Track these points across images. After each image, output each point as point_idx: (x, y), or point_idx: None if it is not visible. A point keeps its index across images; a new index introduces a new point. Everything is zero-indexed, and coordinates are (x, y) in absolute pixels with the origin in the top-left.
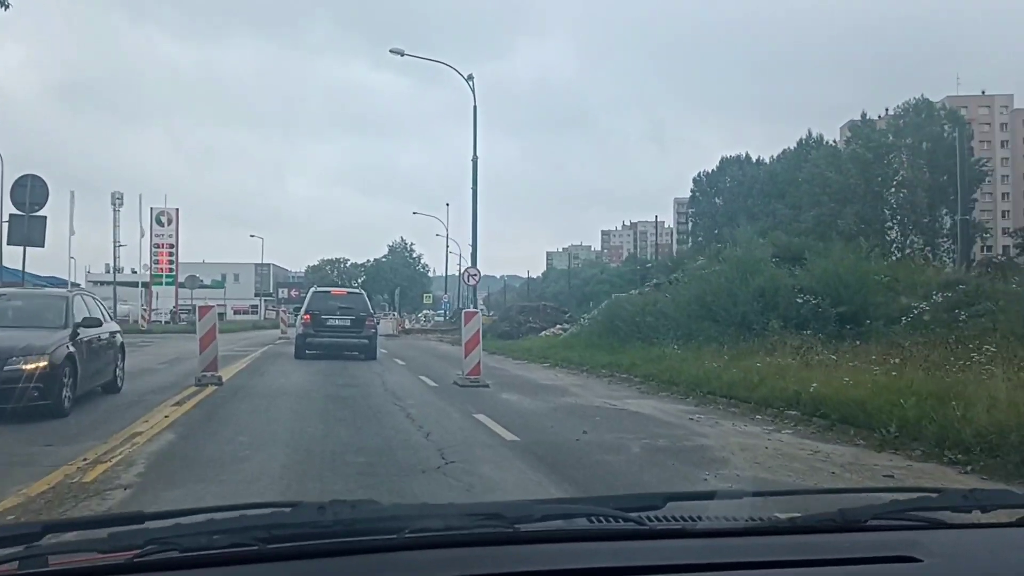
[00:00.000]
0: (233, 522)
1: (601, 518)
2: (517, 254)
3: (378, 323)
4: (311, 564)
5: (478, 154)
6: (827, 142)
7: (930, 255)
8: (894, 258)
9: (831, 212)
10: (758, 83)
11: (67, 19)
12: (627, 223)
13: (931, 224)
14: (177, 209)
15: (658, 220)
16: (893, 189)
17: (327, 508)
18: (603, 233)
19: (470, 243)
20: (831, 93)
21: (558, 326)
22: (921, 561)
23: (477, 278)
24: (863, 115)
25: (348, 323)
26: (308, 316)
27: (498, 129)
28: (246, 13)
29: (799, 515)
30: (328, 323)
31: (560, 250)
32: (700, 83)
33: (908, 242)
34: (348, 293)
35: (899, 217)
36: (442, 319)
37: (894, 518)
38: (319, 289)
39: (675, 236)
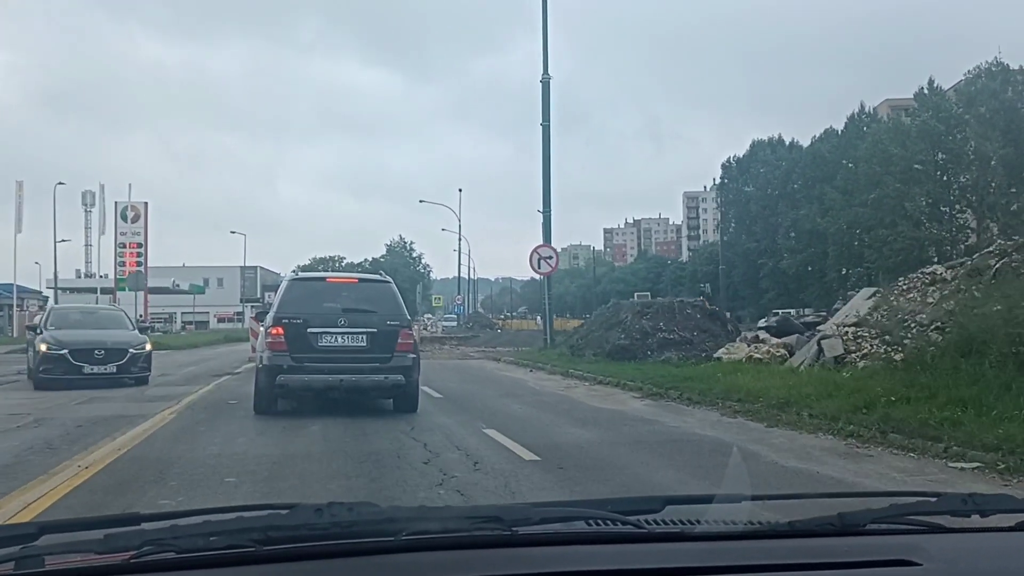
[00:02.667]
0: (230, 523)
1: (599, 521)
2: (513, 255)
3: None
4: (308, 566)
5: (550, 73)
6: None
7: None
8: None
9: (896, 193)
10: (754, 77)
11: (48, 21)
12: (630, 220)
13: (1007, 206)
14: (146, 203)
15: (662, 217)
16: (974, 166)
17: (324, 510)
18: (605, 231)
19: (540, 209)
20: (841, 83)
21: (778, 339)
22: (920, 565)
23: (554, 261)
24: (930, 82)
25: (363, 341)
26: (280, 329)
27: (492, 127)
28: (232, 11)
29: (798, 519)
30: (322, 343)
31: (560, 250)
32: (697, 79)
33: (984, 227)
34: (360, 281)
35: (971, 197)
36: (454, 324)
37: (893, 522)
38: (302, 277)
39: (686, 231)
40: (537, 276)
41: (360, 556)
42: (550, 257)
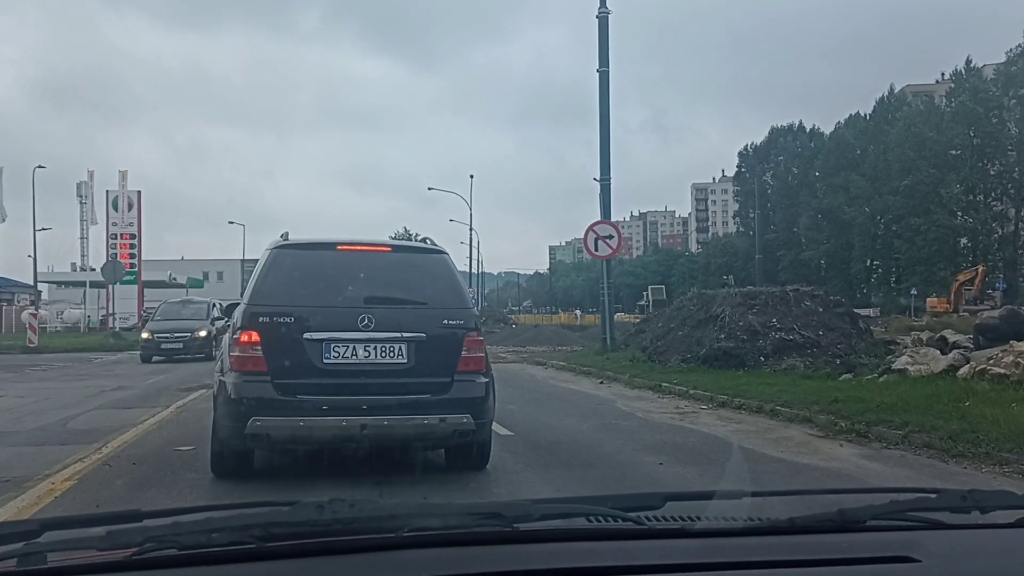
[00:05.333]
0: (232, 520)
1: (600, 518)
2: (516, 250)
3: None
4: (309, 563)
5: (608, 7)
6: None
7: None
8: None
9: (931, 179)
10: (760, 69)
11: (43, 11)
12: (636, 213)
13: None
14: (139, 192)
15: (668, 210)
16: (1009, 151)
17: (326, 507)
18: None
19: (596, 178)
20: (848, 74)
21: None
22: (919, 562)
23: (615, 241)
24: (968, 62)
25: (402, 355)
26: (255, 333)
27: (493, 120)
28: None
29: (798, 515)
30: (329, 358)
31: (563, 244)
32: (702, 71)
33: (1022, 215)
34: (395, 251)
35: (1008, 185)
36: None
37: (893, 518)
38: (295, 245)
39: (694, 224)
40: (602, 245)
41: (362, 552)
42: (610, 236)
